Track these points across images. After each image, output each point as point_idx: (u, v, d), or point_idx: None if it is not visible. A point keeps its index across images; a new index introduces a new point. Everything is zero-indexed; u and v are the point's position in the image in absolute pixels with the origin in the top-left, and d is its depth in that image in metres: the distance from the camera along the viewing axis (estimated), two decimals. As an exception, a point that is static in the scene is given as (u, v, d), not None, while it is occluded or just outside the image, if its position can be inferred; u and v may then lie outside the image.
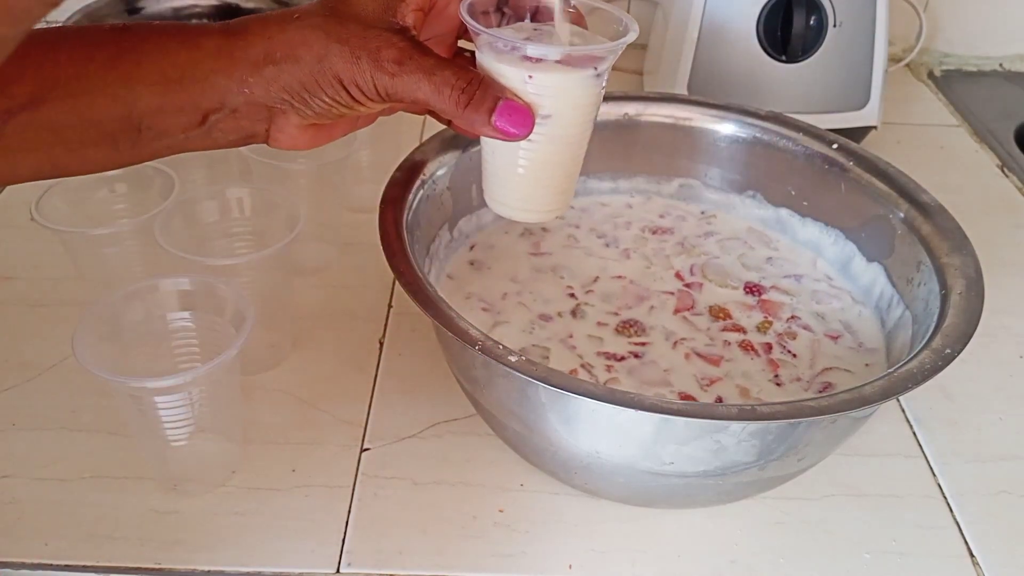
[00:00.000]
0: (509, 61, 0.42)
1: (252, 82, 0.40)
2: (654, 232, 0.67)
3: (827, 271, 0.63)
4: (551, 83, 0.42)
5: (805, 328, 0.58)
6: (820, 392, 0.54)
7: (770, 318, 0.59)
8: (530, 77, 0.41)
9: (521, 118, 0.41)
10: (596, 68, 0.42)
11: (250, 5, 1.02)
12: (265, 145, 0.44)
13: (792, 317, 0.59)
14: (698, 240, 0.66)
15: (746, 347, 0.56)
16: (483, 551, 0.50)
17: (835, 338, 0.58)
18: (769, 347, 0.56)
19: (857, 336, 0.58)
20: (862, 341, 0.58)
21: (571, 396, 0.42)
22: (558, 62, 0.42)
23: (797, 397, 0.53)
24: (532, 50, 0.41)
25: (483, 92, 0.41)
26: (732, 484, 0.48)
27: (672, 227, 0.67)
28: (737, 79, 0.82)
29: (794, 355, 0.56)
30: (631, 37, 0.43)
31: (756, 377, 0.54)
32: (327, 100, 0.41)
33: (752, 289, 0.61)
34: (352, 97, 0.40)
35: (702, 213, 0.69)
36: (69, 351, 0.46)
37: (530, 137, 0.42)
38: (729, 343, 0.57)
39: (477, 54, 0.43)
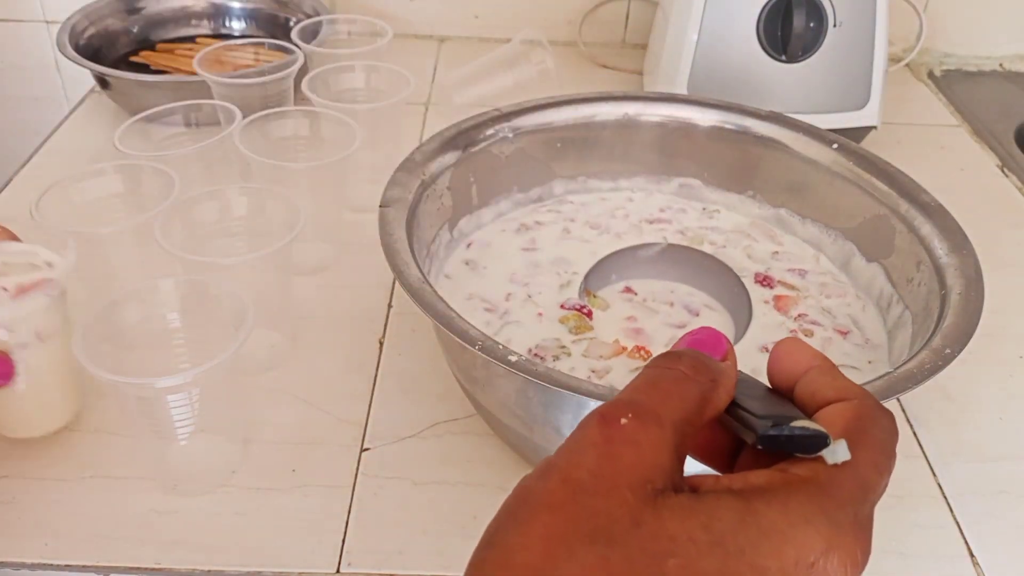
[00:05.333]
0: None
1: None
2: (651, 223, 0.67)
3: (829, 268, 0.63)
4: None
5: (815, 323, 0.58)
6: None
7: (783, 314, 0.59)
8: None
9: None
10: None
11: (249, 6, 1.02)
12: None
13: (800, 315, 0.59)
14: (702, 231, 0.66)
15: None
16: (483, 551, 0.50)
17: (844, 333, 0.58)
18: None
19: (864, 332, 0.58)
20: (869, 337, 0.58)
21: (571, 396, 0.42)
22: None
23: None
24: None
25: None
26: (732, 484, 0.48)
27: (671, 219, 0.67)
28: (737, 79, 0.82)
29: None
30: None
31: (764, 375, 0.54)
32: None
33: (763, 280, 0.61)
34: None
35: (703, 209, 0.69)
36: (69, 351, 0.46)
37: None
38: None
39: None
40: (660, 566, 0.21)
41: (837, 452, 0.25)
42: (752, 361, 0.55)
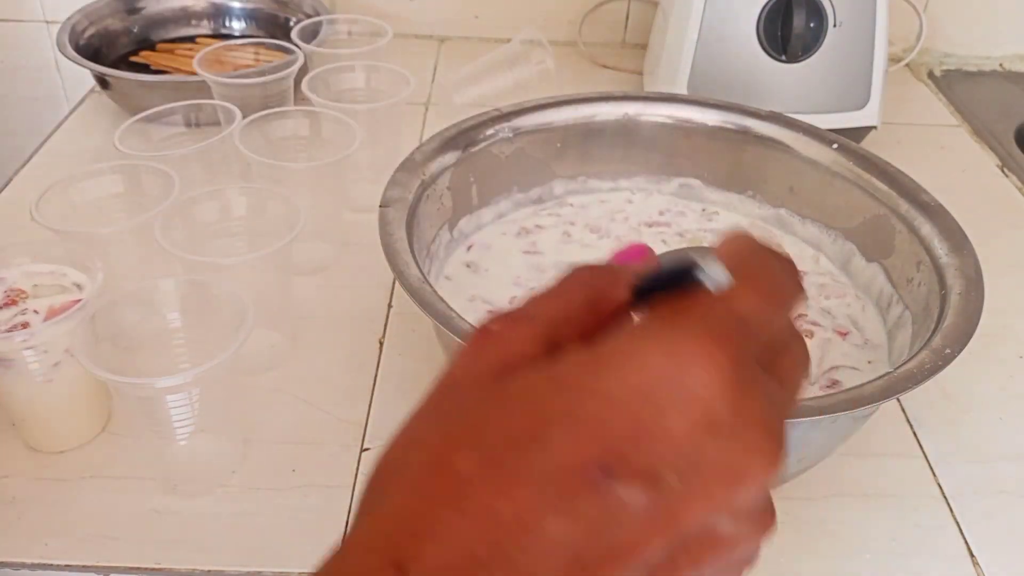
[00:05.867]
0: None
1: None
2: (650, 226, 0.67)
3: (829, 268, 0.63)
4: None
5: (815, 324, 0.58)
6: (826, 388, 0.54)
7: None
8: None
9: None
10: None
11: (249, 6, 1.02)
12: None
13: (800, 316, 0.59)
14: (700, 234, 0.66)
15: None
16: (483, 551, 0.50)
17: (844, 334, 0.58)
18: None
19: (864, 332, 0.58)
20: (868, 337, 0.58)
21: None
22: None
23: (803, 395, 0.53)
24: None
25: None
26: (732, 484, 0.48)
27: (671, 222, 0.67)
28: (737, 79, 0.82)
29: None
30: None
31: None
32: None
33: None
34: None
35: (703, 211, 0.69)
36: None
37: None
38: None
39: None
40: (504, 421, 0.20)
41: (709, 270, 0.22)
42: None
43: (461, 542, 0.19)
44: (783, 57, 0.81)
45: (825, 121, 0.72)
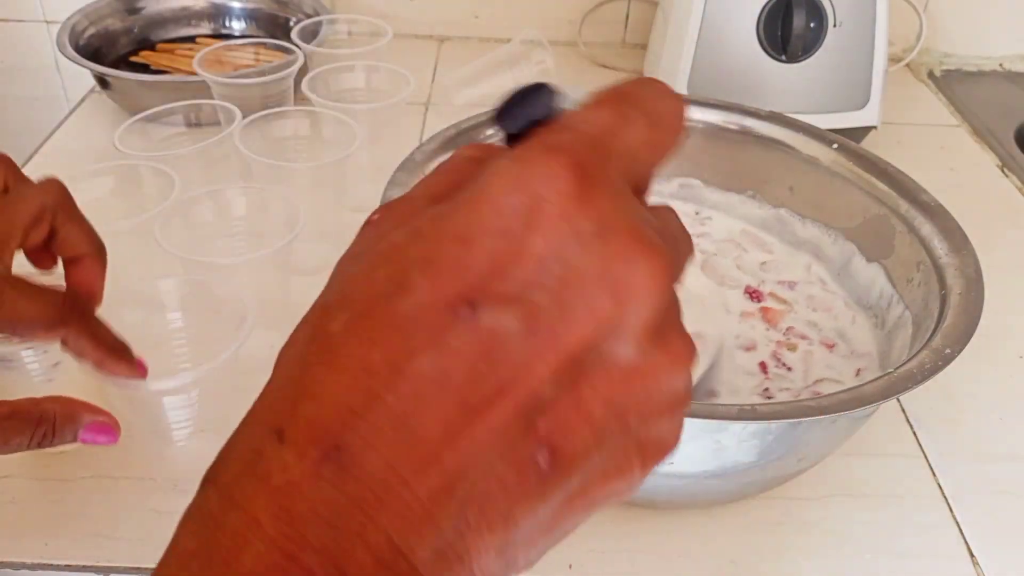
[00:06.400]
0: None
1: None
2: None
3: (821, 275, 0.63)
4: None
5: (802, 337, 0.58)
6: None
7: (772, 327, 0.59)
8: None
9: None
10: None
11: (249, 6, 1.02)
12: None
13: (789, 329, 0.59)
14: (692, 237, 0.66)
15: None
16: (483, 551, 0.50)
17: (830, 347, 0.58)
18: (764, 366, 0.56)
19: (851, 344, 0.58)
20: (855, 348, 0.58)
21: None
22: None
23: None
24: None
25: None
26: (732, 484, 0.48)
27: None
28: (737, 79, 0.82)
29: (789, 368, 0.56)
30: None
31: (744, 393, 0.54)
32: None
33: (753, 293, 0.61)
34: None
35: (696, 214, 0.68)
36: (69, 351, 0.46)
37: None
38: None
39: None
40: (369, 278, 0.20)
41: (565, 91, 0.21)
42: (759, 379, 0.55)
43: (333, 396, 0.19)
44: (783, 57, 0.81)
45: (825, 121, 0.72)
